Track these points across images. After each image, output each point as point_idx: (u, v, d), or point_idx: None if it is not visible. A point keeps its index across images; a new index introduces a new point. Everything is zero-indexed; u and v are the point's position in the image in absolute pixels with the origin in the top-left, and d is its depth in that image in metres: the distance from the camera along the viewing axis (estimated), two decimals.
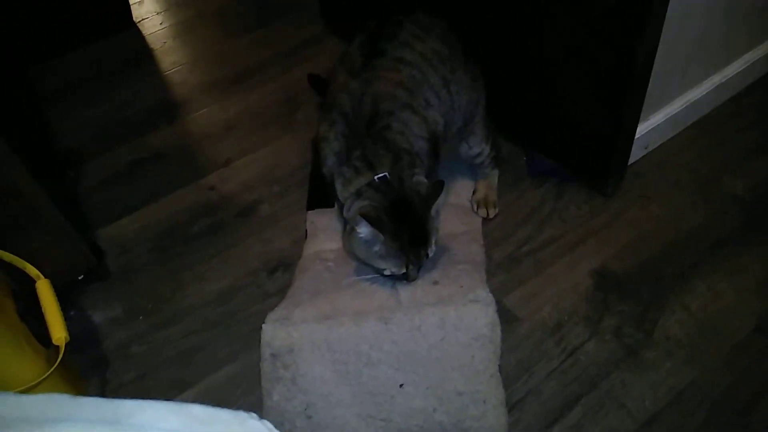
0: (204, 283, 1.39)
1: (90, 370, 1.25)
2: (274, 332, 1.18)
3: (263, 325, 1.20)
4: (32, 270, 1.16)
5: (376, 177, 1.16)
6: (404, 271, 1.19)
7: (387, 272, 1.20)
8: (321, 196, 1.48)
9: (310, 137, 1.64)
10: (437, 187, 1.16)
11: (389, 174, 1.16)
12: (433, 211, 1.17)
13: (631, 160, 1.46)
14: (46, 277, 1.15)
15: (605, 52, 1.22)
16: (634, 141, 1.40)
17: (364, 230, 1.13)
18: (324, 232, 1.38)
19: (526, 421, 1.12)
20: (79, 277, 1.38)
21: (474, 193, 1.45)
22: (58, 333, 1.09)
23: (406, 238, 1.15)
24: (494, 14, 1.39)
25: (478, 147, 1.40)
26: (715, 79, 1.53)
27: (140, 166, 1.67)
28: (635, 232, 1.38)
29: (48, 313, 1.12)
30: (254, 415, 0.60)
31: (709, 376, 1.14)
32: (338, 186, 1.22)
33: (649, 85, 1.27)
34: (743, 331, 1.20)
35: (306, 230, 1.42)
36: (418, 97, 1.22)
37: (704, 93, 1.52)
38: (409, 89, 1.21)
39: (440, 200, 1.17)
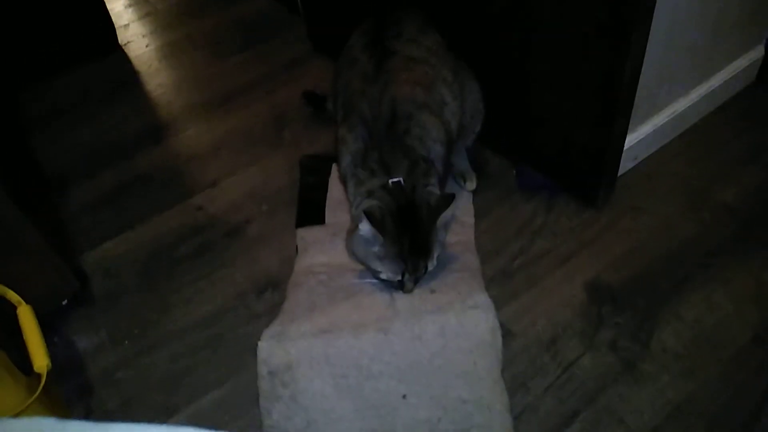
0: (191, 305, 1.36)
1: (74, 398, 1.22)
2: (270, 349, 1.16)
3: (259, 343, 1.17)
4: (13, 296, 1.14)
5: (390, 181, 1.15)
6: (400, 278, 1.17)
7: (383, 276, 1.18)
8: (311, 212, 1.46)
9: (297, 156, 1.63)
10: (447, 200, 1.16)
11: (404, 180, 1.15)
12: (439, 224, 1.16)
13: (621, 172, 1.45)
14: (28, 302, 1.13)
15: (591, 67, 1.22)
16: (623, 152, 1.40)
17: (365, 228, 1.12)
18: (314, 246, 1.37)
19: None
20: (63, 303, 1.35)
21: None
22: (40, 361, 1.07)
23: (407, 245, 1.13)
24: (482, 28, 1.39)
25: (470, 142, 1.44)
26: (701, 90, 1.53)
27: (126, 189, 1.65)
28: (628, 243, 1.36)
29: (29, 340, 1.09)
30: None
31: (708, 388, 1.12)
32: (350, 187, 1.22)
33: (636, 97, 1.27)
34: (740, 342, 1.18)
35: (296, 246, 1.40)
36: (435, 93, 1.23)
37: (691, 103, 1.52)
38: (426, 86, 1.22)
39: (448, 215, 1.16)
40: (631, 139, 1.42)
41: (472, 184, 1.47)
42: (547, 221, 1.43)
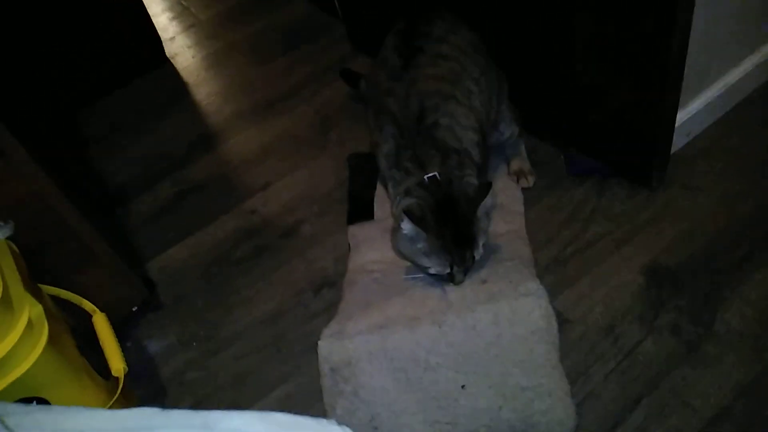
0: (252, 306, 1.41)
1: (149, 400, 1.28)
2: (330, 347, 1.19)
3: (319, 342, 1.21)
4: (88, 305, 1.21)
5: (426, 176, 1.17)
6: (449, 270, 1.18)
7: (432, 270, 1.20)
8: (360, 209, 1.49)
9: (344, 156, 1.65)
10: (484, 189, 1.16)
11: (439, 174, 1.17)
12: (480, 212, 1.16)
13: (674, 150, 1.42)
14: (102, 311, 1.20)
15: (638, 43, 1.19)
16: (675, 129, 1.36)
17: (407, 227, 1.14)
18: (366, 244, 1.39)
19: (587, 427, 1.09)
20: (134, 309, 1.42)
21: (509, 167, 1.48)
22: (117, 364, 1.13)
23: (450, 237, 1.15)
24: (523, 15, 1.38)
25: (509, 130, 1.43)
26: (754, 59, 1.47)
27: (183, 198, 1.71)
28: (685, 224, 1.33)
29: (106, 346, 1.16)
30: (334, 421, 0.62)
31: None
32: (390, 189, 1.25)
33: (685, 70, 1.23)
34: None
35: (349, 244, 1.43)
36: (460, 87, 1.24)
37: (743, 74, 1.46)
38: (451, 81, 1.24)
39: (489, 202, 1.17)
40: (682, 115, 1.38)
41: (527, 181, 1.46)
42: (599, 206, 1.41)
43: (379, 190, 1.50)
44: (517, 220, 1.38)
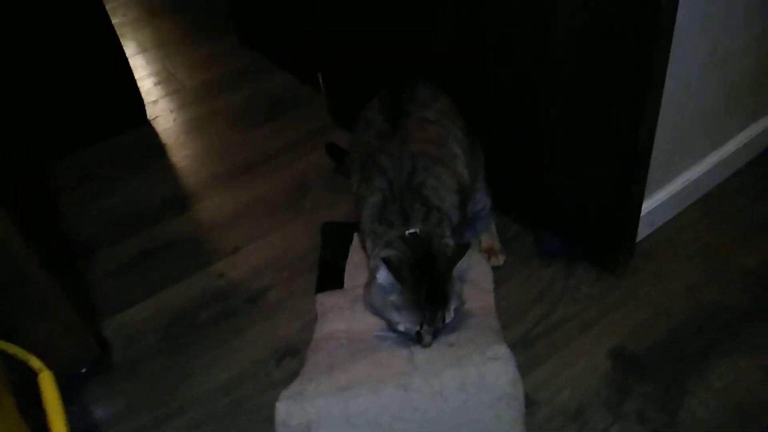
0: (211, 372, 1.35)
1: None
2: (288, 410, 1.13)
3: (277, 404, 1.15)
4: (36, 362, 1.13)
5: (407, 232, 1.17)
6: (418, 328, 1.16)
7: (401, 327, 1.18)
8: (330, 278, 1.47)
9: (318, 223, 1.65)
10: (462, 249, 1.17)
11: (420, 230, 1.18)
12: (455, 274, 1.16)
13: (639, 238, 1.46)
14: (49, 368, 1.13)
15: (607, 133, 1.25)
16: (641, 218, 1.41)
17: (383, 276, 1.13)
18: (333, 312, 1.37)
19: None
20: (82, 370, 1.35)
21: (480, 244, 1.50)
22: (59, 430, 1.06)
23: (424, 294, 1.14)
24: (497, 99, 1.44)
25: (483, 200, 1.47)
26: (716, 157, 1.55)
27: (150, 256, 1.68)
28: (650, 310, 1.35)
29: (49, 409, 1.08)
30: None
31: None
32: (368, 243, 1.25)
33: (651, 163, 1.29)
34: None
35: (316, 313, 1.40)
36: (446, 151, 1.28)
37: (706, 170, 1.54)
38: (438, 144, 1.28)
39: (465, 265, 1.17)
40: (647, 205, 1.43)
41: (497, 260, 1.48)
42: (567, 287, 1.42)
43: (351, 259, 1.50)
44: (487, 297, 1.38)
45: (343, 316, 1.35)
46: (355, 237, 1.53)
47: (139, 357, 1.41)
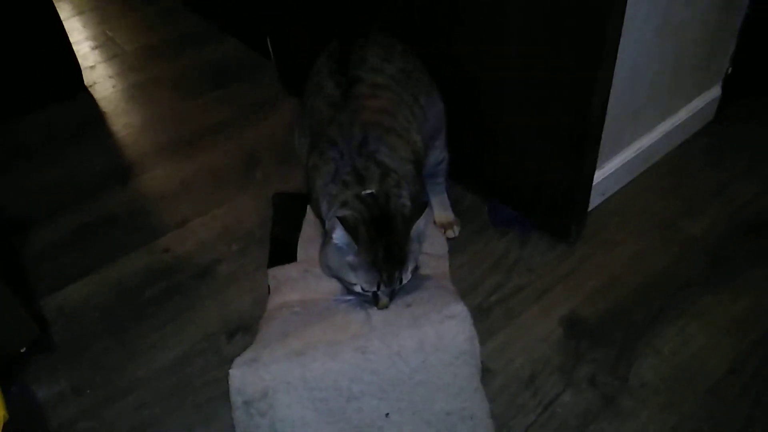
0: (157, 351, 1.30)
1: None
2: (243, 377, 1.10)
3: (230, 371, 1.11)
4: None
5: (363, 192, 1.14)
6: (375, 289, 1.15)
7: (357, 288, 1.16)
8: (283, 251, 1.43)
9: (269, 195, 1.60)
10: (420, 208, 1.15)
11: (377, 190, 1.15)
12: (413, 234, 1.14)
13: (591, 207, 1.47)
14: None
15: (560, 104, 1.24)
16: (592, 188, 1.42)
17: (339, 236, 1.10)
18: (287, 285, 1.33)
19: None
20: (22, 350, 1.28)
21: (435, 220, 1.49)
22: None
23: (381, 254, 1.12)
24: (452, 64, 1.41)
25: (441, 154, 1.44)
26: (665, 127, 1.58)
27: (90, 231, 1.59)
28: (601, 277, 1.37)
29: None
30: None
31: (689, 421, 1.11)
32: (323, 205, 1.20)
33: (603, 133, 1.30)
34: (717, 374, 1.18)
35: (268, 286, 1.36)
36: (399, 117, 1.24)
37: (655, 140, 1.56)
38: (390, 113, 1.24)
39: (422, 225, 1.15)
40: (599, 175, 1.44)
41: (452, 232, 1.47)
42: (521, 256, 1.43)
43: (304, 231, 1.46)
44: (442, 264, 1.38)
45: (297, 287, 1.32)
46: (309, 210, 1.49)
47: (82, 336, 1.34)
